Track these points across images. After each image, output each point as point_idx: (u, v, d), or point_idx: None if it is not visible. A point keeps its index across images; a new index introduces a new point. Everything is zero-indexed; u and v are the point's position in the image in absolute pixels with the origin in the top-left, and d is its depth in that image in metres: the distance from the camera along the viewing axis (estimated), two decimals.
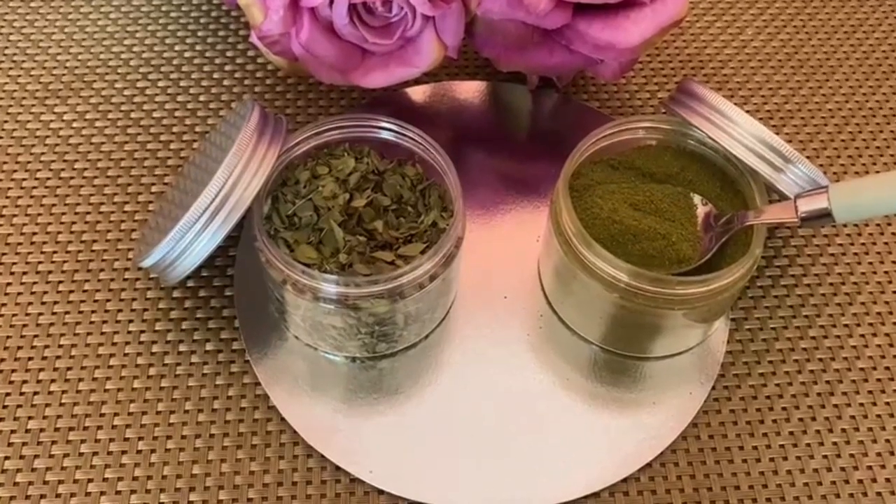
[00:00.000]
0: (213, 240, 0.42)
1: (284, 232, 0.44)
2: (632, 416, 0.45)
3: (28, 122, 0.55)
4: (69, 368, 0.46)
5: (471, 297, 0.47)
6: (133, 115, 0.56)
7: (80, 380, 0.46)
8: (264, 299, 0.47)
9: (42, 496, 0.42)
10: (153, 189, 0.52)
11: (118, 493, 0.42)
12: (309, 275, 0.41)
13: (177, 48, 0.60)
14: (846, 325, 0.48)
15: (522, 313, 0.47)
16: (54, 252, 0.50)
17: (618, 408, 0.45)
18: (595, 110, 0.56)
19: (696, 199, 0.45)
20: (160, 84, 0.58)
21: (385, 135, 0.47)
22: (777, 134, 0.44)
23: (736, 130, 0.44)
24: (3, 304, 0.47)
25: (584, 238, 0.42)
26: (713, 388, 0.45)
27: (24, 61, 0.58)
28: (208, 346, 0.47)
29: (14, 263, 0.49)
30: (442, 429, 0.43)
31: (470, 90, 0.56)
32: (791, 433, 0.45)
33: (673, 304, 0.42)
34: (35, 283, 0.49)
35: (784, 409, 0.46)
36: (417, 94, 0.56)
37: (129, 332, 0.47)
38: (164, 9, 0.62)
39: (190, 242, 0.42)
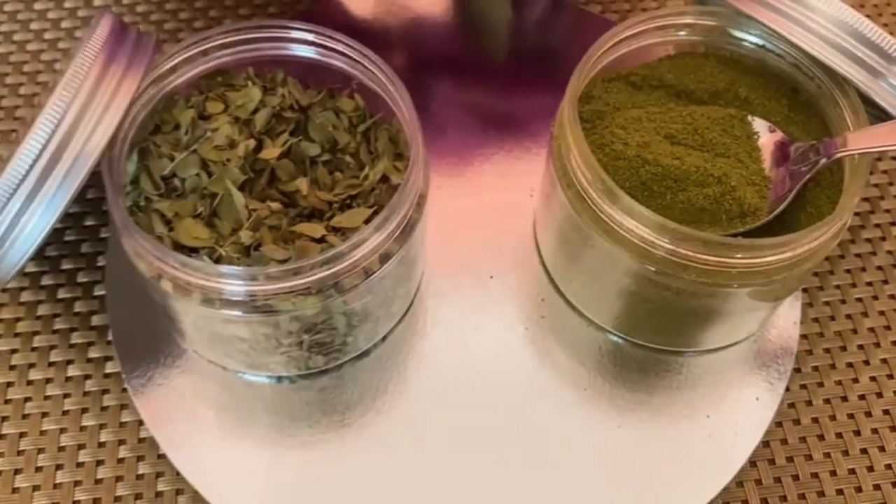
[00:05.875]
0: (46, 215, 0.28)
1: (159, 201, 0.29)
2: (678, 437, 0.32)
3: None
4: None
5: (442, 282, 0.35)
6: None
7: None
8: (149, 301, 0.32)
9: None
10: None
11: None
12: (192, 267, 0.27)
13: None
14: None
15: (515, 299, 0.35)
16: None
17: (656, 426, 0.32)
18: (598, 16, 0.42)
19: (758, 124, 0.31)
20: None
21: (306, 51, 0.32)
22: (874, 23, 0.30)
23: (812, 19, 0.30)
24: None
25: (606, 186, 0.28)
26: (787, 389, 0.33)
27: None
28: (70, 371, 0.33)
29: None
30: (409, 471, 0.31)
31: None
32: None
33: (735, 278, 0.28)
34: None
35: (887, 412, 0.33)
36: (357, 3, 0.41)
37: None
38: None
39: (14, 220, 0.28)
